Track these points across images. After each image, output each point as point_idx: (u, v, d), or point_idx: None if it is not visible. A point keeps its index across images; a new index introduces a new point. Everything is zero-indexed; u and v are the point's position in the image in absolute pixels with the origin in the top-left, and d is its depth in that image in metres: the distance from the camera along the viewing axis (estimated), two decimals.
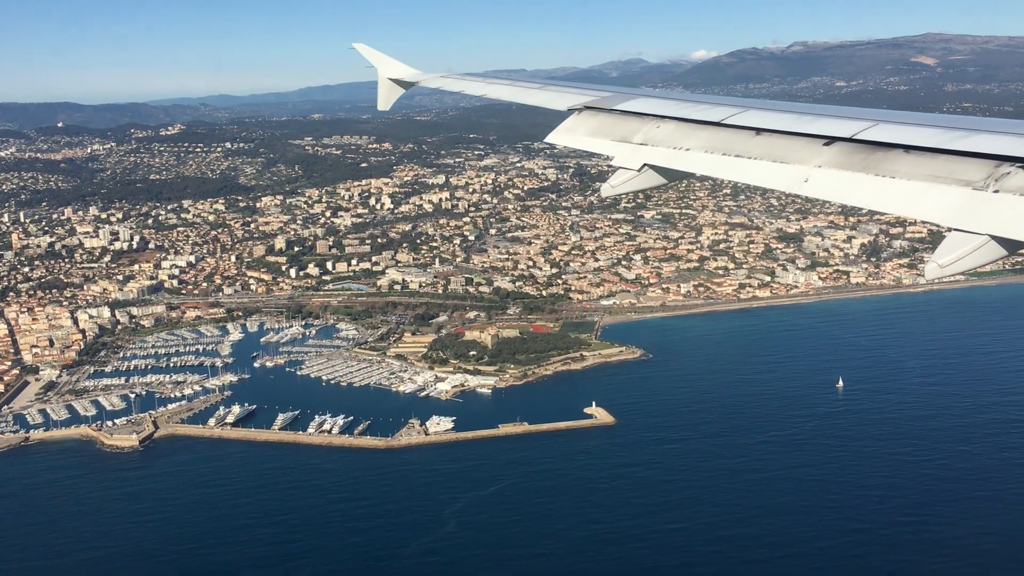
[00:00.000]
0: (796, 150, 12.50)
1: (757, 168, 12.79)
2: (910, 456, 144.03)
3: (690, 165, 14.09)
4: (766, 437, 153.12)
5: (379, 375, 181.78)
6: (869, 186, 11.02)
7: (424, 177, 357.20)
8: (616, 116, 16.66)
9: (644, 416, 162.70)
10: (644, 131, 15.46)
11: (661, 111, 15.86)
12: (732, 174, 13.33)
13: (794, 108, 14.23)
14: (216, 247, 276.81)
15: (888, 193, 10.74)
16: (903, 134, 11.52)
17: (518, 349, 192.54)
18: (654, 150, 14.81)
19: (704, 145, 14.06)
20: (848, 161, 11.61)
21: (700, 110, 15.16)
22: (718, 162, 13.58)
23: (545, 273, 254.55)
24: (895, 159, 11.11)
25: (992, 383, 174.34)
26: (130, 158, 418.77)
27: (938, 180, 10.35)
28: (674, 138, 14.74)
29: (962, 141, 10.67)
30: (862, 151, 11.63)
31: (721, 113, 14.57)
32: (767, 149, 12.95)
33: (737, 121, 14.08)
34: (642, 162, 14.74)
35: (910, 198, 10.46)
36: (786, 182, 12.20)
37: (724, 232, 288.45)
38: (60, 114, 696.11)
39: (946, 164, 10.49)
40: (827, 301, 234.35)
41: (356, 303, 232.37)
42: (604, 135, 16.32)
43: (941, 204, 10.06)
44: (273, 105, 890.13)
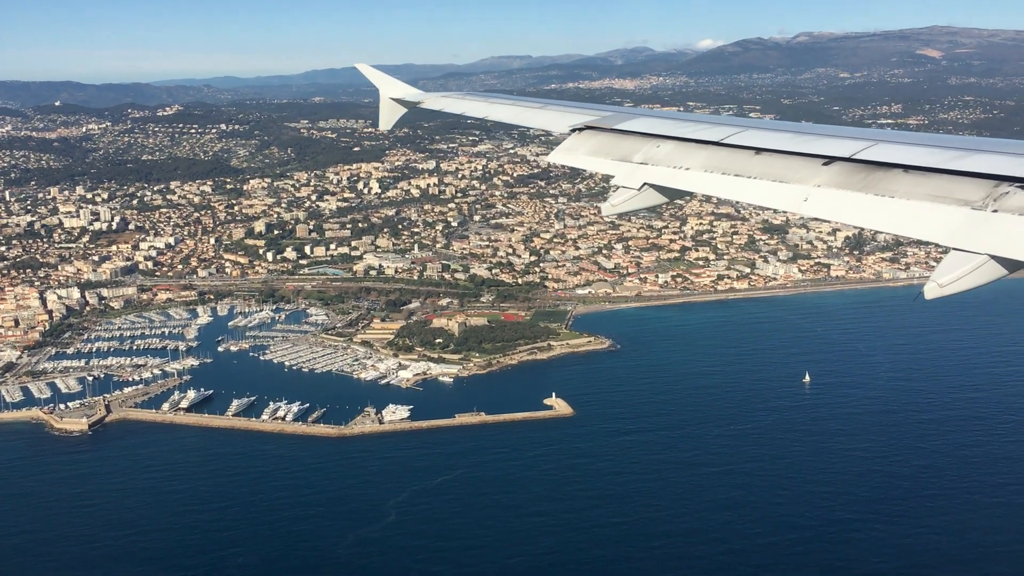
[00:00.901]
0: (795, 170, 12.55)
1: (757, 187, 12.90)
2: (866, 452, 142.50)
3: (690, 184, 14.17)
4: (724, 430, 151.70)
5: (342, 362, 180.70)
6: (868, 205, 11.04)
7: (415, 162, 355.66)
8: (616, 136, 16.79)
9: (604, 407, 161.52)
10: (644, 151, 15.58)
11: (661, 131, 15.97)
12: (732, 193, 13.39)
13: (793, 128, 14.43)
14: (197, 229, 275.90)
15: (887, 212, 10.75)
16: (902, 154, 11.58)
17: (485, 338, 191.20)
18: (654, 169, 14.94)
19: (704, 164, 14.15)
20: (847, 181, 11.66)
21: (699, 130, 15.26)
22: (718, 181, 13.64)
23: (523, 261, 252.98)
24: (894, 179, 11.16)
25: (959, 379, 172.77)
26: (124, 138, 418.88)
27: (937, 200, 10.35)
28: (674, 157, 14.85)
29: (961, 161, 10.73)
30: (861, 171, 11.67)
31: (720, 133, 14.65)
32: (766, 168, 13.02)
33: (736, 141, 14.15)
34: (642, 181, 14.85)
35: (909, 218, 10.46)
36: (785, 201, 12.21)
37: (709, 223, 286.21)
38: (62, 93, 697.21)
39: (945, 184, 10.51)
40: (805, 294, 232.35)
41: (330, 288, 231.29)
42: (604, 155, 16.47)
43: (940, 224, 10.04)
44: (277, 88, 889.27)
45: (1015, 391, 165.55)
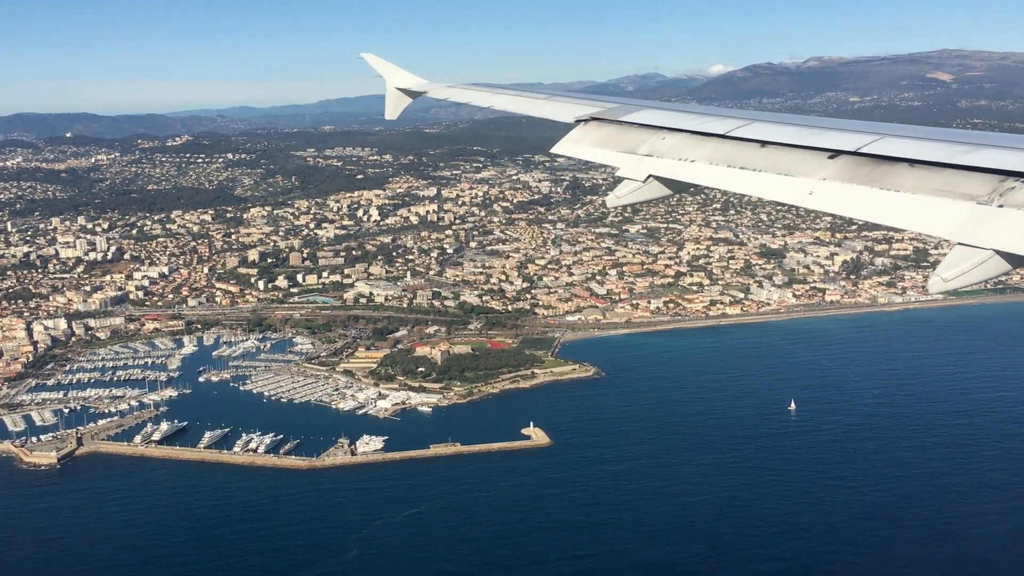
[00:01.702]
0: (801, 163, 12.53)
1: (762, 180, 12.82)
2: (846, 481, 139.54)
3: (695, 177, 14.15)
4: (703, 459, 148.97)
5: (322, 391, 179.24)
6: (874, 199, 11.02)
7: (417, 189, 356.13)
8: (622, 127, 16.77)
9: (582, 436, 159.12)
10: (650, 143, 15.57)
11: (667, 123, 15.95)
12: (737, 186, 13.30)
13: (799, 121, 14.28)
14: (193, 258, 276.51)
15: (893, 207, 10.72)
16: (908, 148, 11.55)
17: (467, 366, 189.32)
18: (659, 161, 14.91)
19: (709, 157, 14.10)
20: (853, 174, 11.64)
21: (705, 122, 15.27)
22: (723, 174, 13.61)
23: (515, 287, 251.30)
24: (900, 173, 11.15)
25: (945, 405, 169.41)
26: (132, 168, 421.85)
27: (943, 194, 10.35)
28: (679, 150, 14.84)
29: (967, 155, 10.70)
30: (867, 164, 11.66)
31: (726, 125, 14.65)
32: (772, 161, 12.98)
33: (742, 133, 14.11)
34: (647, 173, 14.82)
35: (915, 212, 10.46)
36: (791, 195, 12.20)
37: (706, 247, 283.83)
38: (77, 124, 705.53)
39: (951, 178, 10.50)
40: (798, 319, 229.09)
41: (318, 316, 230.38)
42: (610, 146, 16.42)
43: (946, 218, 10.03)
44: (291, 117, 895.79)
45: (1002, 417, 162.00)
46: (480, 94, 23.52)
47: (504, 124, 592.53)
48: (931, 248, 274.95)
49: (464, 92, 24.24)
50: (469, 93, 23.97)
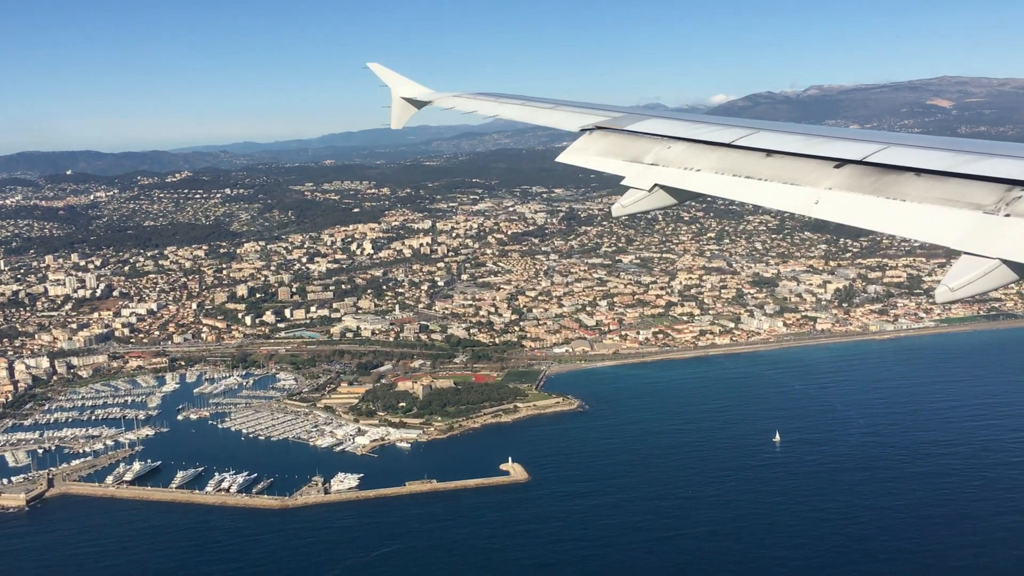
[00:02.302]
0: (806, 172, 12.54)
1: (767, 190, 12.84)
2: (826, 514, 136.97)
3: (700, 186, 14.13)
4: (683, 493, 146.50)
5: (300, 428, 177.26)
6: (880, 209, 11.02)
7: (412, 222, 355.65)
8: (627, 136, 16.79)
9: (561, 471, 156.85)
10: (655, 152, 15.63)
11: (672, 132, 15.98)
12: (742, 195, 13.32)
13: (805, 130, 14.31)
14: (183, 294, 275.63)
15: (899, 216, 10.69)
16: (914, 157, 11.54)
17: (449, 401, 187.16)
18: (665, 171, 14.98)
19: (715, 166, 14.18)
20: (859, 184, 11.63)
21: (711, 131, 15.26)
22: (728, 183, 13.64)
23: (504, 320, 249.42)
24: (906, 182, 11.15)
25: (931, 434, 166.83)
26: (129, 205, 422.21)
27: (949, 203, 10.38)
28: (685, 159, 14.89)
29: (973, 165, 10.73)
30: (873, 174, 11.63)
31: (732, 135, 14.63)
32: (777, 171, 13.01)
33: (748, 143, 14.14)
34: (653, 182, 14.88)
35: (921, 221, 10.45)
36: (796, 204, 12.18)
37: (698, 277, 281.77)
38: (80, 162, 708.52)
39: (957, 187, 10.52)
40: (788, 349, 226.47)
41: (304, 351, 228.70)
42: (615, 155, 16.43)
43: (952, 228, 10.04)
44: (293, 152, 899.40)
45: (987, 446, 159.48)
46: (486, 103, 23.50)
47: (504, 156, 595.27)
48: (924, 275, 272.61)
49: (470, 101, 24.19)
50: (475, 102, 23.92)
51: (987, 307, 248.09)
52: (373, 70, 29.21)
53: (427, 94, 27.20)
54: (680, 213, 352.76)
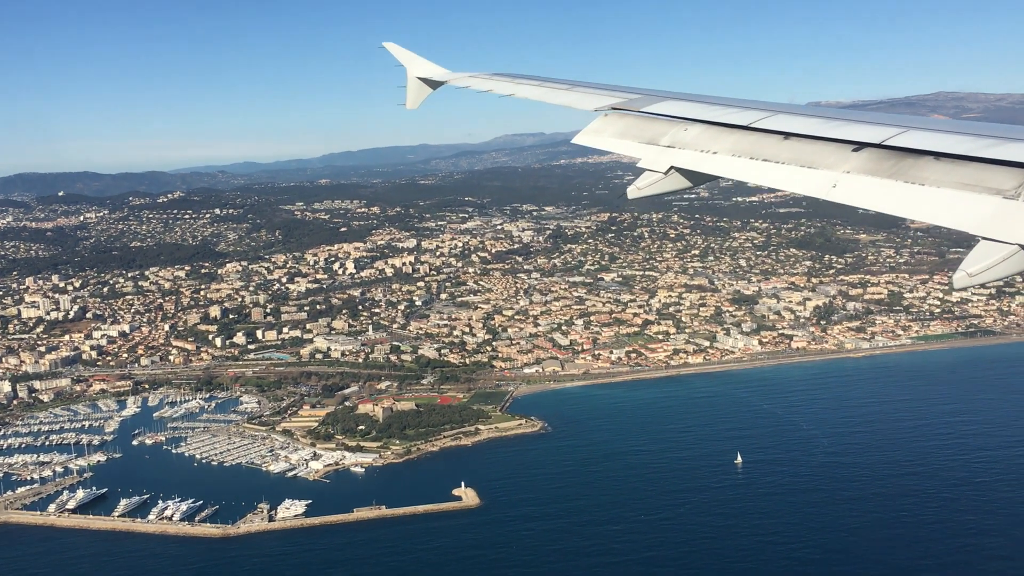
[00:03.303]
0: (824, 155, 12.43)
1: (784, 173, 12.75)
2: (779, 537, 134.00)
3: (717, 168, 14.06)
4: (635, 517, 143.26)
5: (255, 453, 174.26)
6: (898, 193, 10.96)
7: (398, 240, 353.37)
8: (644, 118, 16.69)
9: (515, 495, 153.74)
10: (672, 134, 15.56)
11: (689, 114, 15.82)
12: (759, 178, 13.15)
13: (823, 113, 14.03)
14: (158, 315, 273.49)
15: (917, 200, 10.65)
16: (934, 141, 11.38)
17: (409, 423, 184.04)
18: (681, 153, 14.89)
19: (731, 148, 14.04)
20: (877, 167, 11.54)
21: (728, 113, 15.07)
22: (745, 166, 13.50)
23: (477, 340, 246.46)
24: (925, 166, 11.07)
25: (894, 454, 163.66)
26: (118, 226, 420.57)
27: (968, 188, 10.29)
28: (701, 141, 14.78)
29: (993, 149, 10.60)
30: (891, 157, 11.53)
31: (749, 117, 14.50)
32: (795, 154, 12.89)
33: (765, 125, 14.00)
34: (669, 165, 14.80)
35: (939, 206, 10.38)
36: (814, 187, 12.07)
37: (678, 295, 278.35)
38: (77, 183, 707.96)
39: (977, 172, 10.42)
40: (760, 368, 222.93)
41: (271, 373, 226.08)
42: (631, 137, 16.34)
43: (970, 212, 9.95)
44: (293, 171, 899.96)
45: (949, 465, 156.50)
46: (501, 83, 23.14)
47: (500, 174, 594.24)
48: (906, 292, 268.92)
49: (486, 81, 23.83)
50: (491, 82, 23.56)
51: (965, 324, 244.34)
52: (389, 49, 28.95)
53: (442, 74, 26.96)
54: (666, 230, 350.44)
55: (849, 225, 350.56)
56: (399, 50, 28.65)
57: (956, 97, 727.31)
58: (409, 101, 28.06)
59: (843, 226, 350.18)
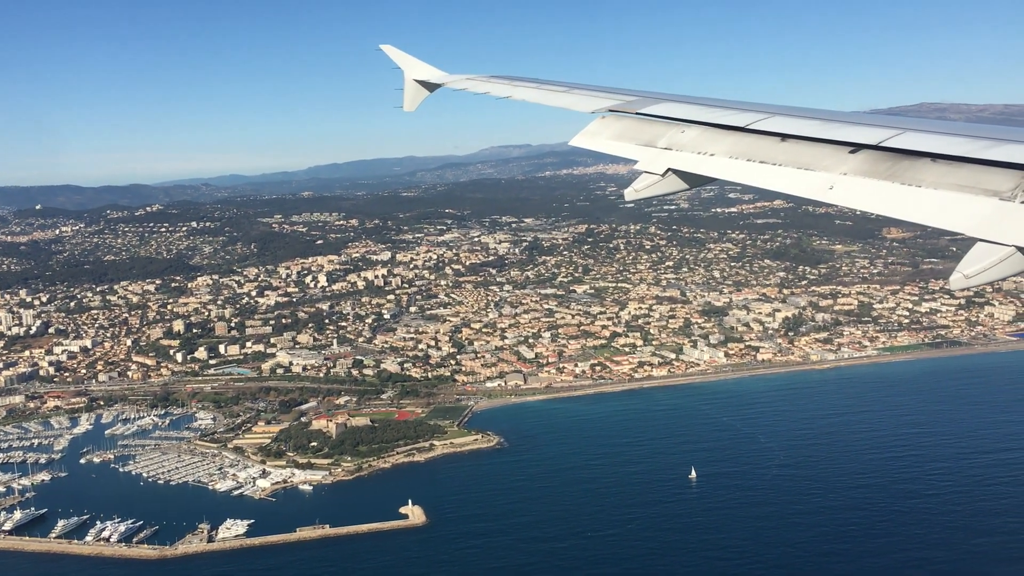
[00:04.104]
0: (821, 157, 12.47)
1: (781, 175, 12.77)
2: (725, 554, 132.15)
3: (714, 170, 14.15)
4: (583, 533, 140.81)
5: (203, 471, 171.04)
6: (895, 195, 10.98)
7: (373, 253, 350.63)
8: (641, 120, 16.76)
9: (463, 512, 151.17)
10: (669, 136, 15.60)
11: (686, 116, 15.86)
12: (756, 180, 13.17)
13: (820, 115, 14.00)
14: (122, 330, 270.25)
15: (914, 202, 10.69)
16: (931, 142, 11.38)
17: (363, 439, 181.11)
18: (678, 155, 14.95)
19: (729, 151, 14.10)
20: (874, 169, 11.56)
21: (725, 115, 15.06)
22: (742, 168, 13.56)
23: (442, 353, 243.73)
24: (922, 168, 11.09)
25: (849, 467, 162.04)
26: (93, 239, 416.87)
27: (965, 190, 10.30)
28: (699, 143, 14.84)
29: (991, 151, 10.59)
30: (888, 159, 11.55)
31: (746, 119, 14.50)
32: (792, 156, 12.96)
33: (762, 127, 14.02)
34: (666, 167, 14.87)
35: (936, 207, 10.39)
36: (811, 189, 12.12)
37: (648, 307, 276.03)
38: (59, 196, 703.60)
39: (974, 174, 10.44)
40: (724, 380, 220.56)
41: (230, 389, 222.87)
42: (628, 139, 16.43)
43: (967, 214, 9.99)
44: (277, 184, 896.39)
45: (903, 477, 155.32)
46: (499, 86, 23.00)
47: (483, 186, 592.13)
48: (876, 303, 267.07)
49: (483, 84, 23.80)
50: (488, 85, 23.51)
51: (932, 335, 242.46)
52: (386, 52, 28.79)
53: (440, 76, 26.82)
54: (642, 242, 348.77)
55: (825, 236, 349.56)
56: (396, 52, 28.57)
57: (939, 108, 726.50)
58: (406, 103, 28.08)
59: (819, 236, 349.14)
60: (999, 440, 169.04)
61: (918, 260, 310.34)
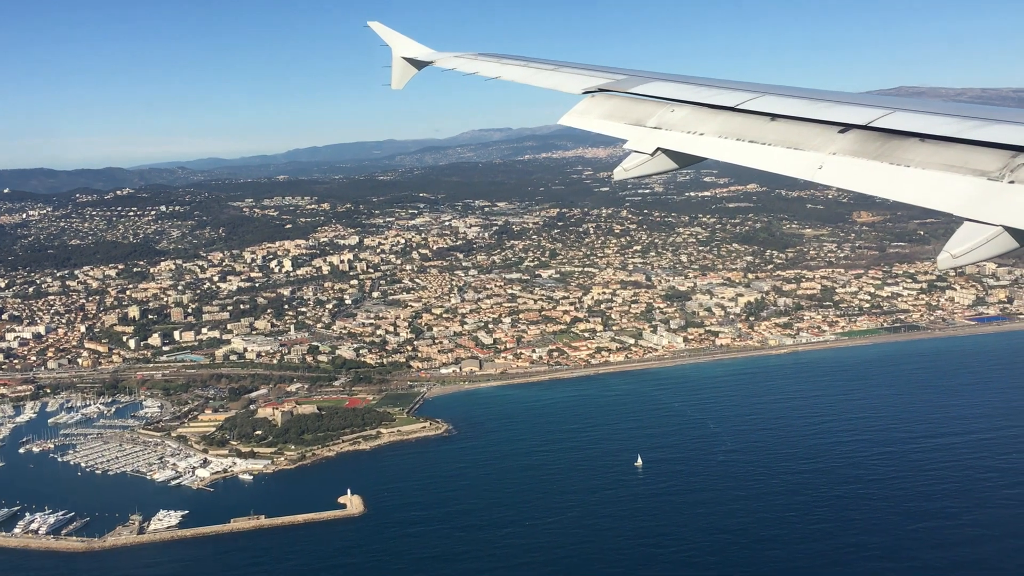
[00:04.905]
0: (811, 137, 12.42)
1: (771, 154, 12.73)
2: (664, 540, 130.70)
3: (704, 150, 14.02)
4: (523, 520, 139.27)
5: (143, 460, 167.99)
6: (883, 174, 11.00)
7: (342, 237, 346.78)
8: (630, 99, 16.73)
9: (403, 500, 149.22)
10: (658, 115, 15.51)
11: (676, 95, 15.80)
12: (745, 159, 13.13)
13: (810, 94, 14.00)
14: (78, 316, 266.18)
15: (902, 182, 10.72)
16: (919, 122, 11.39)
17: (308, 427, 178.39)
18: (668, 134, 14.85)
19: (718, 130, 14.08)
20: (863, 149, 11.56)
21: (715, 95, 15.07)
22: (732, 147, 13.55)
23: (399, 339, 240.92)
24: (910, 148, 11.08)
25: (794, 451, 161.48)
26: (60, 223, 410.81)
27: (953, 169, 10.34)
28: (688, 122, 14.81)
29: (979, 130, 10.60)
30: (877, 139, 11.54)
31: (736, 98, 14.50)
32: (782, 135, 12.92)
33: (752, 106, 13.99)
34: (655, 146, 14.80)
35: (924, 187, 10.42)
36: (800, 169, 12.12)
37: (612, 291, 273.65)
38: (32, 180, 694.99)
39: (962, 153, 10.45)
40: (681, 365, 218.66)
41: (181, 376, 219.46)
42: (618, 118, 16.35)
43: (955, 194, 10.01)
44: (256, 168, 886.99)
45: (848, 461, 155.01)
46: (488, 64, 22.76)
47: (460, 169, 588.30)
48: (839, 287, 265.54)
49: (472, 62, 23.46)
50: (477, 63, 23.21)
51: (891, 319, 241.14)
52: (374, 29, 28.38)
53: (428, 54, 26.60)
54: (612, 226, 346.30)
55: (796, 220, 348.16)
56: (384, 30, 28.21)
57: (917, 91, 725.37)
58: (394, 81, 27.78)
59: (790, 220, 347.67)
60: (944, 424, 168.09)
61: (885, 244, 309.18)
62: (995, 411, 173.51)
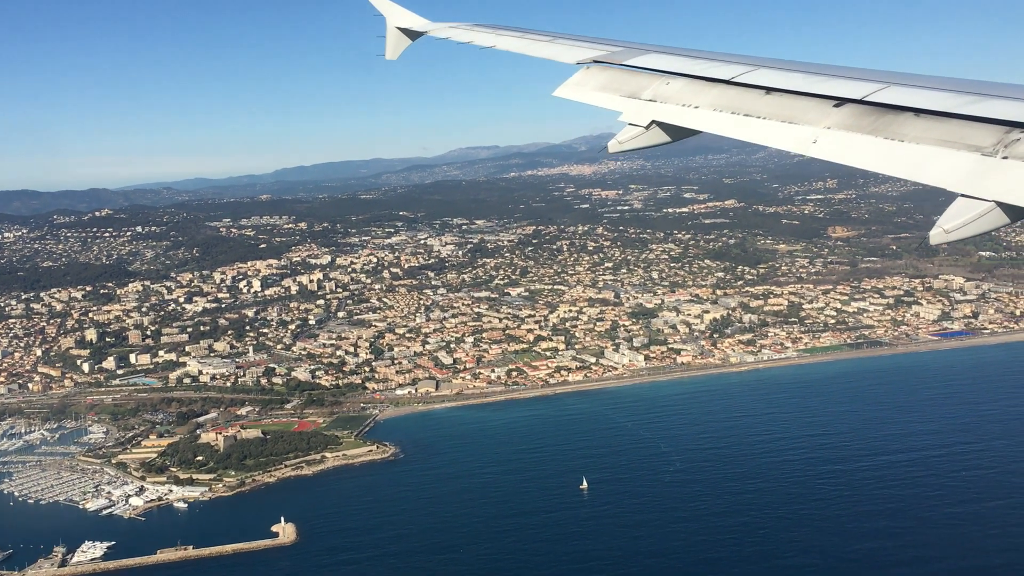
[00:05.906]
0: (806, 110, 12.31)
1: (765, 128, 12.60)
2: (596, 569, 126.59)
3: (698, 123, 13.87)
4: (457, 547, 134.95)
5: (77, 489, 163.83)
6: (877, 149, 10.91)
7: (315, 257, 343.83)
8: (626, 72, 16.55)
9: (337, 527, 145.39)
10: (653, 87, 15.39)
11: (672, 67, 15.62)
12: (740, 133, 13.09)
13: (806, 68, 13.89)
14: (36, 340, 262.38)
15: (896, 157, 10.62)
16: (914, 97, 11.29)
17: (251, 452, 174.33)
18: (663, 107, 14.70)
19: (713, 103, 13.94)
20: (858, 123, 11.46)
21: (711, 67, 14.94)
22: (726, 121, 13.38)
23: (358, 360, 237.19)
24: (905, 122, 10.98)
25: (742, 470, 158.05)
26: (34, 245, 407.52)
27: (947, 145, 10.26)
28: (683, 95, 14.62)
29: (974, 106, 10.52)
30: (872, 113, 11.45)
31: (732, 71, 14.34)
32: (776, 109, 12.76)
33: (748, 79, 13.89)
34: (650, 119, 14.64)
35: (918, 162, 10.37)
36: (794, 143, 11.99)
37: (578, 309, 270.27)
38: (15, 202, 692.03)
39: (956, 128, 10.38)
40: (640, 384, 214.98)
41: (131, 400, 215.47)
42: (613, 90, 16.14)
43: (949, 169, 9.96)
44: (242, 187, 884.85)
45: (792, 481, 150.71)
46: (482, 34, 22.51)
47: (443, 188, 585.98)
48: (806, 303, 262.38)
49: (466, 32, 23.25)
50: (471, 34, 22.98)
51: (855, 335, 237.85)
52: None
53: (423, 24, 26.25)
54: (586, 242, 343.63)
55: (771, 235, 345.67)
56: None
57: None
58: (388, 51, 27.40)
59: (764, 236, 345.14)
60: (895, 441, 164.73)
61: (858, 259, 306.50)
62: (947, 428, 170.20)
